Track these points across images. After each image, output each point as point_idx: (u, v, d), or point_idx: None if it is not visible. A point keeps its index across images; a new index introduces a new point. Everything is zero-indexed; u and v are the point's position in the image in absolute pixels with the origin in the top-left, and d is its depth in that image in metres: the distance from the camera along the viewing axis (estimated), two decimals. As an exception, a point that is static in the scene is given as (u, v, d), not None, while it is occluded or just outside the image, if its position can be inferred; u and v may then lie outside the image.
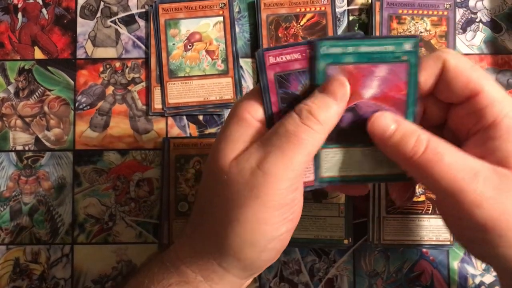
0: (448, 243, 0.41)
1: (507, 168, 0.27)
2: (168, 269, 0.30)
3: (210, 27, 0.44)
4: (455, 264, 0.43)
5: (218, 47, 0.44)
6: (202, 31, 0.44)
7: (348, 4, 0.45)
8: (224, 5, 0.44)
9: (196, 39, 0.44)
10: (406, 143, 0.28)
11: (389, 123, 0.29)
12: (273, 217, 0.28)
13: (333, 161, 0.31)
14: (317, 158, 0.31)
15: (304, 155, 0.28)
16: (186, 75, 0.44)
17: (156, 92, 0.44)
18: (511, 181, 0.27)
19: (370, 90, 0.29)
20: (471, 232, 0.28)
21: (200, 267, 0.30)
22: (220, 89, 0.43)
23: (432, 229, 0.42)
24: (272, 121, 0.30)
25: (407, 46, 0.29)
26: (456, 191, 0.27)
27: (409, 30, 0.43)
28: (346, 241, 0.42)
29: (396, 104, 0.30)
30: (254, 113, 0.29)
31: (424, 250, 0.43)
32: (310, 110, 0.28)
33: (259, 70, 0.29)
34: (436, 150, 0.27)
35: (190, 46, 0.44)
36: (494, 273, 0.42)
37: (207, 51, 0.44)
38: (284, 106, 0.30)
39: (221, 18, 0.44)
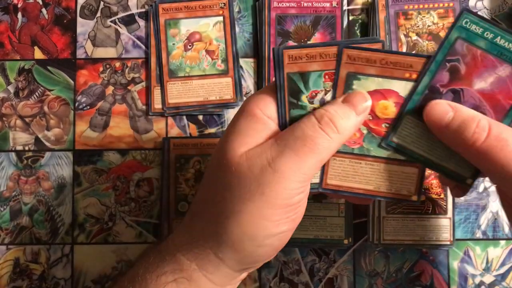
0: (448, 243, 0.41)
1: None
2: (164, 257, 0.31)
3: (210, 27, 0.44)
4: (455, 264, 0.43)
5: (218, 47, 0.44)
6: (202, 31, 0.44)
7: (348, 4, 0.45)
8: (224, 5, 0.44)
9: (196, 39, 0.44)
10: (465, 129, 0.27)
11: (447, 109, 0.28)
12: (275, 214, 0.28)
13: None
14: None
15: (317, 161, 0.28)
16: (186, 75, 0.44)
17: (156, 92, 0.44)
18: None
19: (482, 83, 0.28)
20: None
21: (196, 255, 0.30)
22: (220, 89, 0.43)
23: (432, 229, 0.42)
24: (284, 120, 0.30)
25: None
26: None
27: (417, 25, 0.43)
28: (346, 241, 0.42)
29: (497, 109, 0.28)
30: (265, 110, 0.29)
31: (424, 250, 0.43)
32: (331, 117, 0.28)
33: (275, 68, 0.29)
34: (500, 136, 0.26)
35: (190, 46, 0.44)
36: (494, 273, 0.43)
37: (207, 51, 0.44)
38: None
39: (221, 18, 0.44)
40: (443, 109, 0.28)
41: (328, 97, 0.30)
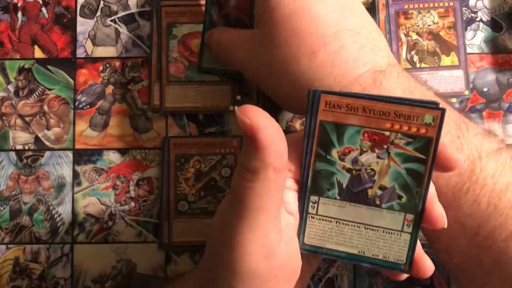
0: (448, 242, 0.41)
1: (258, 27, 0.33)
2: None
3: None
4: (455, 264, 0.42)
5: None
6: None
7: (348, 3, 0.45)
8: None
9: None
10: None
11: (213, 32, 0.39)
12: None
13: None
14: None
15: (259, 215, 0.24)
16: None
17: (156, 88, 0.44)
18: (258, 37, 0.32)
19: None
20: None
21: None
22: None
23: (432, 228, 0.41)
24: (306, 172, 0.27)
25: None
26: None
27: (417, 25, 0.43)
28: (346, 241, 0.41)
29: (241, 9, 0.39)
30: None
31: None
32: (239, 161, 0.24)
33: (308, 112, 0.26)
34: (221, 34, 0.38)
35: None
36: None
37: None
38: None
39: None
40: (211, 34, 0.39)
41: (363, 158, 0.26)
